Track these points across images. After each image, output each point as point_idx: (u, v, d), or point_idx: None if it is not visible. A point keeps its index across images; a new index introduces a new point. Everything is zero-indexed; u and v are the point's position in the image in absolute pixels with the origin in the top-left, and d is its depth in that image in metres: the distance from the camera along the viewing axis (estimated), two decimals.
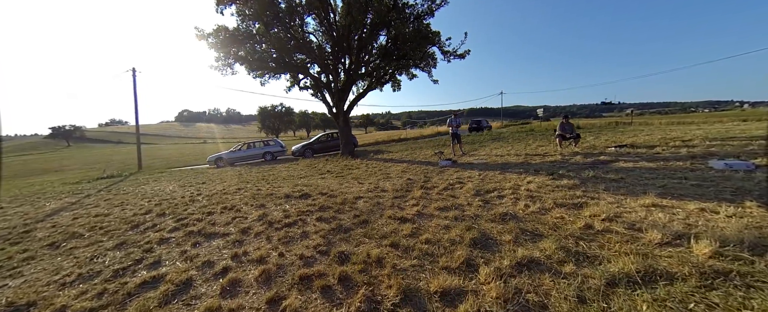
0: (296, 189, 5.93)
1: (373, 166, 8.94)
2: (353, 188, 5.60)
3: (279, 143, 17.01)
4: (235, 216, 4.19)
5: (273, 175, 8.67)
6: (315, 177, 7.63)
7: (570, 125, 8.71)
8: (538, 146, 10.23)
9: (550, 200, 3.59)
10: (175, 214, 4.61)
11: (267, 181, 7.52)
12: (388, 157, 11.24)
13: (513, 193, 4.15)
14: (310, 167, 10.10)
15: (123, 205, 5.91)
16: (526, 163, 6.76)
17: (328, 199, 4.78)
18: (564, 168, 5.64)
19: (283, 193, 5.51)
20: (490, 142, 14.22)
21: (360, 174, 7.44)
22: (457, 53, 11.23)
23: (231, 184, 7.65)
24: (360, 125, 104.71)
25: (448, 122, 10.15)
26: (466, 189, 4.65)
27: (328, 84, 13.18)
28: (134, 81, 15.53)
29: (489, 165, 7.08)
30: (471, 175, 5.96)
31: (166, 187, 7.99)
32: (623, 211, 3.01)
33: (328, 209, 4.19)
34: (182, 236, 3.48)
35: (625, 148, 7.49)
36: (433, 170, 7.04)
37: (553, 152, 8.18)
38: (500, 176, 5.51)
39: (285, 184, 6.83)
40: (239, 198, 5.50)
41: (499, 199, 3.92)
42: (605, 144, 9.03)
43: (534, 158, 7.38)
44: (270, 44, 11.32)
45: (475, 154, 9.93)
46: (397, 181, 5.99)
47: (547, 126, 26.47)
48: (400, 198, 4.50)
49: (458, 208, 3.69)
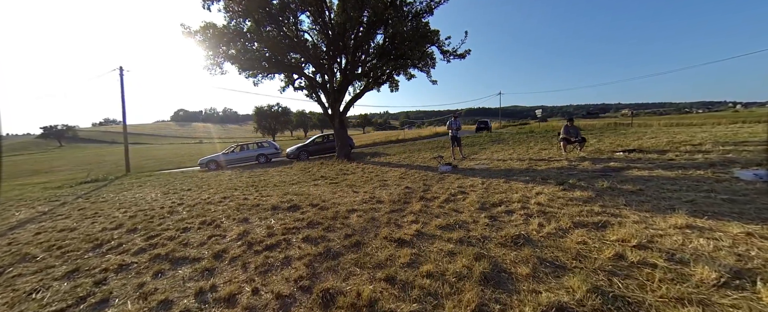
0: (285, 199, 5.48)
1: (369, 170, 8.50)
2: (347, 198, 5.17)
3: (273, 145, 16.51)
4: (213, 234, 3.73)
5: (264, 181, 8.21)
6: (307, 184, 7.18)
7: (575, 128, 8.34)
8: (541, 149, 9.87)
9: (566, 218, 3.18)
10: (147, 230, 4.14)
11: (256, 188, 7.05)
12: (386, 161, 10.81)
13: (522, 207, 3.74)
14: (303, 172, 9.64)
15: (95, 216, 5.41)
16: (531, 170, 6.36)
17: (318, 213, 4.33)
18: (573, 176, 5.24)
19: (271, 204, 5.06)
20: (490, 144, 13.86)
21: (355, 180, 7.00)
22: (457, 53, 10.82)
23: (217, 191, 7.17)
24: (358, 125, 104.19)
25: (448, 124, 9.74)
26: (470, 201, 4.23)
27: (324, 84, 12.72)
28: (121, 80, 14.95)
29: (492, 171, 6.67)
30: (473, 183, 5.54)
31: (149, 195, 7.49)
32: (654, 234, 2.60)
33: (318, 225, 3.75)
34: (146, 261, 3.02)
35: (634, 152, 7.12)
36: (433, 176, 6.62)
37: (558, 157, 7.80)
38: (505, 185, 5.10)
39: (275, 192, 6.38)
40: (222, 209, 5.04)
41: (507, 215, 3.50)
42: (611, 148, 8.67)
43: (539, 164, 6.99)
44: (262, 43, 10.84)
45: (476, 158, 9.53)
46: (394, 189, 5.56)
47: (546, 127, 26.25)
48: (398, 212, 4.07)
49: (463, 227, 3.26)
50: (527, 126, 35.61)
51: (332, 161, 11.86)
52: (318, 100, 12.86)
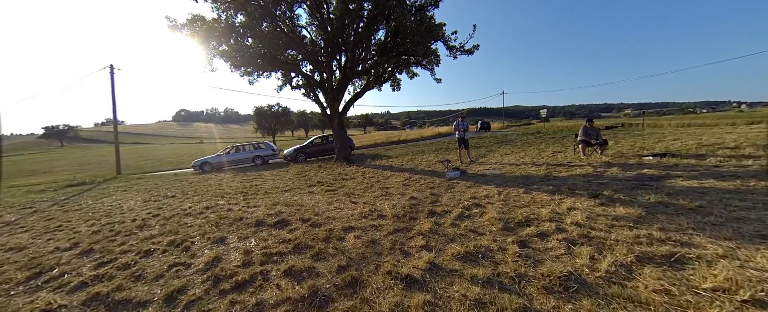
0: (274, 210, 4.80)
1: (370, 175, 7.81)
2: (344, 211, 4.47)
3: (270, 146, 15.87)
4: (177, 261, 3.05)
5: (255, 187, 7.53)
6: (302, 191, 6.50)
7: (595, 130, 7.61)
8: (554, 152, 9.15)
9: (621, 247, 2.47)
10: (104, 252, 3.46)
11: (245, 196, 6.38)
12: (387, 164, 10.12)
13: (557, 228, 3.03)
14: (299, 176, 8.97)
15: (56, 230, 4.75)
16: (552, 177, 5.65)
17: (309, 231, 3.65)
18: (605, 186, 4.53)
19: (256, 218, 4.37)
20: (497, 146, 13.14)
21: (354, 187, 6.31)
22: (465, 48, 10.10)
23: (203, 198, 6.50)
24: (358, 125, 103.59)
25: (455, 125, 9.04)
26: (490, 218, 3.53)
27: (322, 83, 12.05)
28: (112, 79, 14.34)
29: (507, 178, 5.96)
30: (488, 193, 4.84)
31: (128, 202, 6.83)
32: (763, 279, 1.89)
33: (306, 250, 3.06)
34: (77, 306, 2.33)
35: (666, 157, 6.39)
36: (441, 183, 5.92)
37: (578, 161, 7.08)
38: (527, 197, 4.39)
39: (264, 201, 5.70)
40: (199, 224, 4.36)
41: (541, 240, 2.80)
42: (632, 151, 7.94)
43: (558, 170, 6.27)
44: (257, 39, 10.18)
45: (485, 161, 8.83)
46: (398, 200, 4.86)
47: (553, 128, 25.46)
48: (404, 231, 3.38)
49: (487, 257, 2.57)
50: (531, 126, 34.80)
51: (331, 164, 11.18)
52: (316, 99, 12.19)
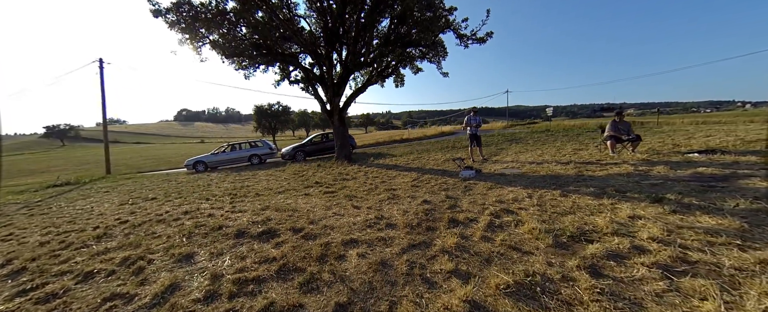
0: (262, 217, 4.04)
1: (373, 175, 7.04)
2: (345, 218, 3.71)
3: (268, 144, 15.12)
4: (119, 290, 2.28)
5: (246, 188, 6.78)
6: (297, 193, 5.74)
7: (626, 124, 6.80)
8: (575, 150, 8.35)
9: (754, 279, 1.69)
10: (35, 274, 2.70)
11: (233, 199, 5.63)
12: (392, 163, 9.35)
13: (631, 244, 2.25)
14: (296, 176, 8.21)
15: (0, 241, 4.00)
16: (584, 177, 4.86)
17: (300, 245, 2.88)
18: (662, 187, 3.74)
19: (238, 227, 3.61)
20: (507, 144, 12.35)
21: (357, 189, 5.54)
22: (476, 36, 9.30)
23: (185, 201, 5.75)
24: (360, 125, 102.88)
25: (466, 120, 8.25)
26: (530, 229, 2.76)
27: (322, 76, 11.28)
28: (101, 74, 13.62)
29: (531, 178, 5.18)
30: (516, 195, 4.06)
31: (102, 205, 6.09)
32: None
33: (294, 275, 2.30)
34: None
35: (716, 154, 5.58)
36: (455, 184, 5.15)
37: (608, 159, 6.29)
38: (566, 200, 3.61)
39: (252, 205, 4.94)
40: (170, 234, 3.60)
41: (618, 265, 2.02)
42: (666, 148, 7.12)
43: (589, 168, 5.48)
44: (251, 29, 9.43)
45: (499, 159, 8.05)
46: (408, 204, 4.09)
47: (560, 126, 24.60)
48: (421, 248, 2.61)
49: (549, 292, 1.79)
50: (537, 125, 33.92)
51: (331, 163, 10.42)
52: (315, 94, 11.42)
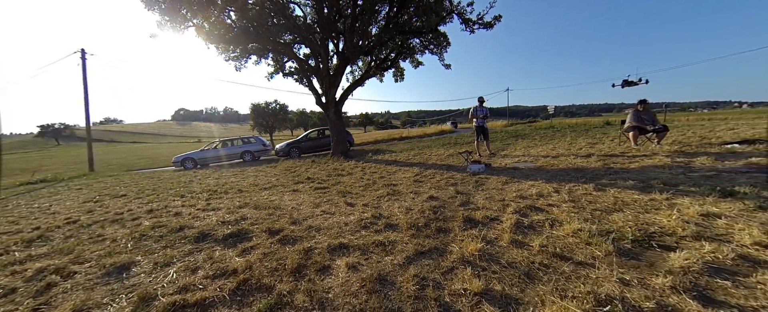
0: (235, 216, 3.35)
1: (371, 170, 6.37)
2: (335, 218, 3.03)
3: (261, 141, 14.41)
4: None
5: (230, 184, 6.09)
6: (284, 189, 5.06)
7: (650, 114, 6.15)
8: (590, 144, 7.71)
9: None
10: None
11: (211, 196, 4.94)
12: (392, 158, 8.67)
13: (736, 253, 1.59)
14: (287, 171, 7.53)
15: None
16: (615, 169, 4.20)
17: (273, 252, 2.21)
18: (720, 179, 3.09)
19: (203, 228, 2.93)
20: (512, 139, 11.69)
21: (352, 184, 4.87)
22: (483, 21, 8.64)
23: (156, 198, 5.06)
24: (359, 124, 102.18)
25: (472, 112, 7.59)
26: (574, 230, 2.10)
27: (317, 67, 10.60)
28: (84, 65, 12.86)
29: (551, 171, 4.52)
30: (540, 190, 3.40)
31: (64, 203, 5.38)
32: None
33: (254, 298, 1.62)
34: None
35: (756, 144, 4.93)
36: (465, 180, 4.48)
37: (632, 150, 5.65)
38: (604, 195, 2.95)
39: (231, 202, 4.25)
40: (119, 236, 2.91)
41: (736, 285, 1.36)
42: (694, 140, 6.48)
43: (615, 161, 4.83)
44: (240, 14, 8.73)
45: (507, 154, 7.40)
46: (412, 201, 3.42)
47: (563, 123, 23.99)
48: (433, 257, 1.94)
49: None
50: (538, 123, 33.33)
51: (326, 159, 9.74)
52: (309, 86, 10.74)
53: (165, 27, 7.67)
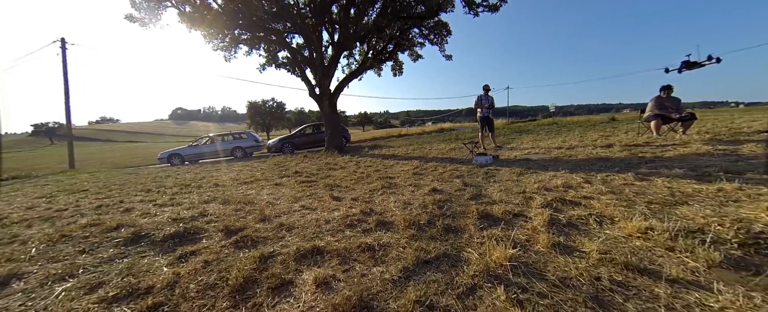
0: (192, 213, 2.72)
1: (366, 164, 5.75)
2: (315, 214, 2.41)
3: (253, 137, 13.75)
4: None
5: (207, 179, 5.46)
6: (267, 183, 4.44)
7: (675, 100, 5.56)
8: (602, 137, 7.10)
9: None
10: None
11: (180, 190, 4.31)
12: (389, 153, 8.06)
13: None
14: (276, 166, 6.90)
15: None
16: (645, 159, 3.60)
17: (218, 260, 1.58)
18: None
19: (144, 227, 2.29)
20: (515, 135, 11.08)
21: (342, 178, 4.25)
22: (488, 3, 8.02)
23: (118, 194, 4.42)
24: (357, 123, 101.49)
25: (477, 100, 6.98)
26: (637, 228, 1.48)
27: (310, 57, 9.96)
28: (64, 56, 12.16)
29: (569, 162, 3.92)
30: (566, 180, 2.79)
31: (11, 201, 4.73)
32: None
33: None
34: None
35: None
36: (472, 171, 3.87)
37: (658, 140, 5.05)
38: (649, 184, 2.34)
39: (198, 197, 3.62)
40: (34, 238, 2.27)
41: None
42: (720, 130, 5.89)
43: (642, 150, 4.23)
44: None
45: (515, 147, 6.80)
46: (412, 194, 2.81)
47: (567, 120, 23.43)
48: (443, 269, 1.31)
49: None
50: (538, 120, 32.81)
51: (319, 154, 9.12)
52: (302, 75, 10.10)
53: (141, 7, 7.00)
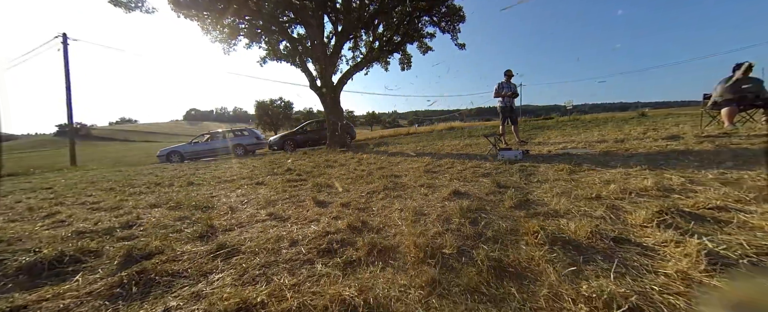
0: (117, 221, 1.96)
1: (369, 162, 4.93)
2: (285, 227, 1.59)
3: (255, 134, 13.15)
4: None
5: (185, 177, 4.77)
6: (249, 182, 3.68)
7: (755, 81, 4.43)
8: (648, 129, 6.01)
9: None
10: None
11: (148, 190, 3.61)
12: (396, 150, 7.21)
13: None
14: (271, 163, 6.17)
15: None
16: (750, 150, 2.62)
17: None
18: None
19: (13, 247, 1.55)
20: (537, 131, 9.99)
21: (338, 176, 3.43)
22: None
23: (67, 193, 3.77)
24: (366, 123, 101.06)
25: (497, 88, 6.01)
26: None
27: (312, 44, 9.23)
28: (65, 52, 11.90)
29: (632, 157, 2.97)
30: (655, 178, 1.87)
31: None
32: None
33: None
34: None
35: None
36: (501, 169, 2.98)
37: (729, 131, 4.02)
38: None
39: (155, 198, 2.89)
40: None
41: None
42: None
43: (730, 141, 3.24)
44: None
45: (542, 142, 5.85)
46: (425, 199, 1.95)
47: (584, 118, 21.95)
48: None
49: None
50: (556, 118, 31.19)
51: (320, 151, 8.38)
52: (303, 67, 9.39)
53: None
